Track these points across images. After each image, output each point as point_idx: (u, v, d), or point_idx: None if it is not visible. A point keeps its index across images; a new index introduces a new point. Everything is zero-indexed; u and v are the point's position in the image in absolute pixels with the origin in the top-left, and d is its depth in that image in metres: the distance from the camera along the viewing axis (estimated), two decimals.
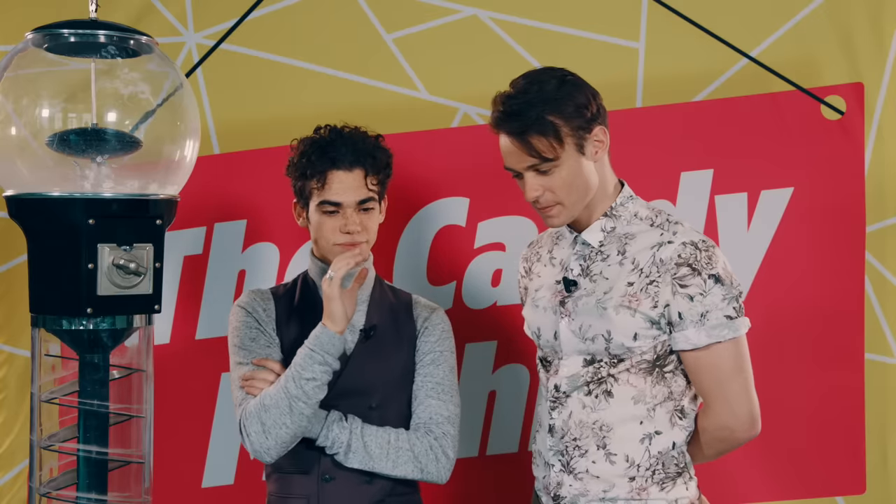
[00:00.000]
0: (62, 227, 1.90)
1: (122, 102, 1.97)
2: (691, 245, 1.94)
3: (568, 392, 2.01)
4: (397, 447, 2.09)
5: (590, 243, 2.03)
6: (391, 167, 2.22)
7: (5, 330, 2.68)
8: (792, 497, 2.69)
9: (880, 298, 2.69)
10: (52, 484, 1.98)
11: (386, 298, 2.24)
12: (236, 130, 2.70)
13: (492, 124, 2.00)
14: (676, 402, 2.01)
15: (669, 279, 1.93)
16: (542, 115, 1.92)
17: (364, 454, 2.08)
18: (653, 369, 1.98)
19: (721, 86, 2.68)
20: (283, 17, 2.70)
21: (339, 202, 2.13)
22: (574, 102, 1.95)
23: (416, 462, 2.09)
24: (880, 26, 2.67)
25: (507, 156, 1.99)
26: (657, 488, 1.98)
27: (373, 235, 2.18)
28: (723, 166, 2.66)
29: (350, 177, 2.13)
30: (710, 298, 1.92)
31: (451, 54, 2.69)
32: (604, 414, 1.98)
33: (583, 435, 1.99)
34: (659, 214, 2.04)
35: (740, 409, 1.98)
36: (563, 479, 2.02)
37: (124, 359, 2.01)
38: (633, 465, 1.98)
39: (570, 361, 2.01)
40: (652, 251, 1.96)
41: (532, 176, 1.97)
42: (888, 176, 2.68)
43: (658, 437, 1.99)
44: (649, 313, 1.94)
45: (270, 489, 2.22)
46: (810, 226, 2.66)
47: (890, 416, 2.70)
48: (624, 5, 2.70)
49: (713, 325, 1.93)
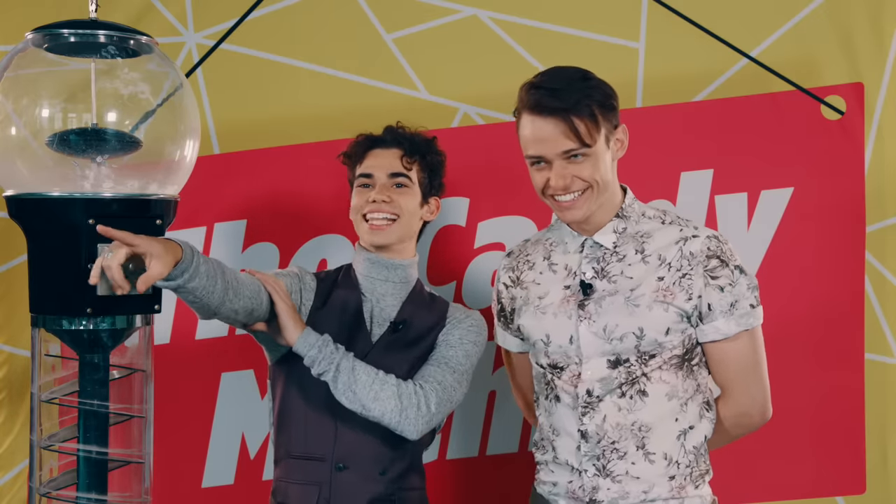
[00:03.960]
0: (62, 227, 1.90)
1: (122, 102, 1.97)
2: (715, 238, 2.00)
3: (601, 396, 1.99)
4: (384, 381, 2.07)
5: (603, 245, 2.03)
6: (440, 164, 2.28)
7: (5, 330, 2.68)
8: (792, 497, 2.70)
9: (880, 298, 2.69)
10: (52, 484, 1.98)
11: (423, 300, 2.25)
12: (236, 130, 2.70)
13: (528, 106, 1.95)
14: (704, 394, 2.04)
15: (701, 271, 1.96)
16: (584, 98, 1.93)
17: (350, 377, 2.05)
18: (682, 364, 2.00)
19: (721, 86, 2.69)
20: (282, 17, 2.70)
21: (371, 173, 2.21)
22: (606, 95, 1.97)
23: (398, 401, 2.06)
24: (880, 26, 2.67)
25: (540, 141, 1.94)
26: (692, 486, 2.01)
27: (406, 215, 2.19)
28: (723, 166, 2.66)
29: (386, 153, 2.22)
30: (738, 288, 1.97)
31: (451, 54, 2.69)
32: (641, 414, 1.98)
33: (621, 437, 1.98)
34: (666, 213, 2.06)
35: (759, 396, 2.05)
36: (598, 484, 1.99)
37: (124, 359, 2.01)
38: (671, 462, 1.98)
39: (593, 364, 1.99)
40: (678, 245, 1.99)
41: (562, 164, 1.94)
42: (888, 176, 2.68)
43: (691, 432, 2.00)
44: (684, 306, 1.96)
45: (278, 474, 2.20)
46: (810, 226, 2.66)
47: (890, 416, 2.70)
48: (624, 5, 2.70)
49: (741, 315, 1.98)
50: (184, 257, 1.80)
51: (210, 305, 1.90)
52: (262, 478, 2.69)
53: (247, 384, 2.69)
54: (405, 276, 2.24)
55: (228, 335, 2.68)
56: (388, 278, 2.22)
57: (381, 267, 2.22)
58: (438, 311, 2.24)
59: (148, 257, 1.76)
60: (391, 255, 2.22)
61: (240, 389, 2.69)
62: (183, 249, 1.81)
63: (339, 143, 2.35)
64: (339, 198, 2.33)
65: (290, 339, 2.06)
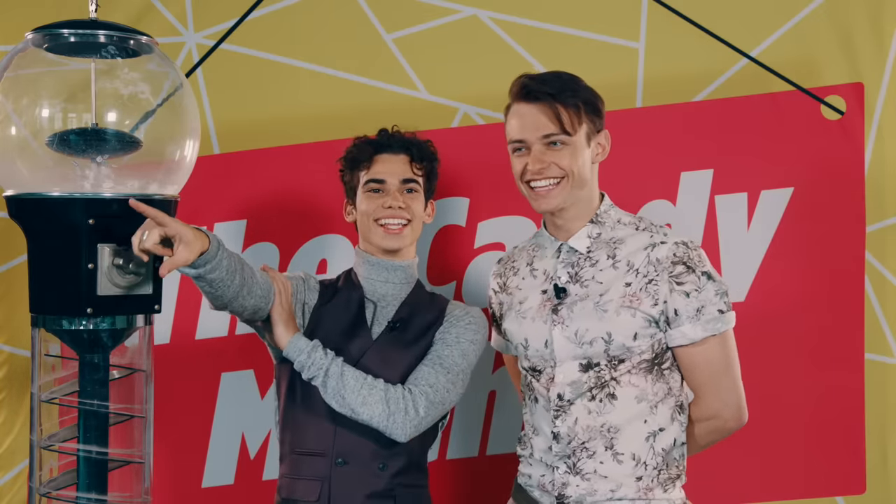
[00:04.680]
0: (62, 227, 1.90)
1: (122, 102, 1.97)
2: (683, 245, 2.02)
3: (572, 399, 2.03)
4: (372, 386, 2.09)
5: (577, 249, 2.08)
6: (437, 169, 2.31)
7: (5, 330, 2.68)
8: (792, 497, 2.70)
9: (880, 298, 2.69)
10: (52, 484, 1.98)
11: (422, 299, 2.27)
12: (236, 130, 2.70)
13: (516, 95, 2.05)
14: (676, 397, 2.05)
15: (667, 277, 1.99)
16: (570, 92, 2.03)
17: (339, 382, 2.08)
18: (652, 367, 2.02)
19: (721, 86, 2.69)
20: (282, 17, 2.70)
21: (384, 179, 2.22)
22: (594, 97, 2.07)
23: (385, 406, 2.08)
24: (880, 26, 2.67)
25: (524, 126, 2.04)
26: (660, 489, 2.02)
27: (416, 219, 2.24)
28: (723, 166, 2.66)
29: (395, 158, 2.24)
30: (705, 294, 1.99)
31: (451, 54, 2.70)
32: (610, 416, 2.01)
33: (591, 438, 2.02)
34: (641, 220, 2.11)
35: (731, 400, 2.05)
36: (568, 480, 2.04)
37: (124, 359, 2.01)
38: (639, 463, 2.01)
39: (565, 368, 2.04)
40: (646, 252, 2.02)
41: (541, 149, 2.02)
42: (888, 176, 2.68)
43: (661, 434, 2.02)
44: (650, 311, 1.99)
45: (283, 471, 2.22)
46: (810, 226, 2.66)
47: (890, 416, 2.70)
48: (624, 5, 2.70)
49: (707, 320, 1.99)
50: (210, 248, 1.84)
51: (223, 297, 1.95)
52: (262, 478, 2.69)
53: (247, 384, 2.69)
54: (406, 277, 2.25)
55: (228, 335, 2.68)
56: (389, 279, 2.24)
57: (383, 269, 2.23)
58: (437, 308, 2.26)
59: (177, 241, 1.79)
60: (394, 257, 2.24)
61: (240, 389, 2.69)
62: (210, 240, 1.85)
63: (339, 143, 2.35)
64: (339, 198, 2.33)
65: (281, 342, 2.11)
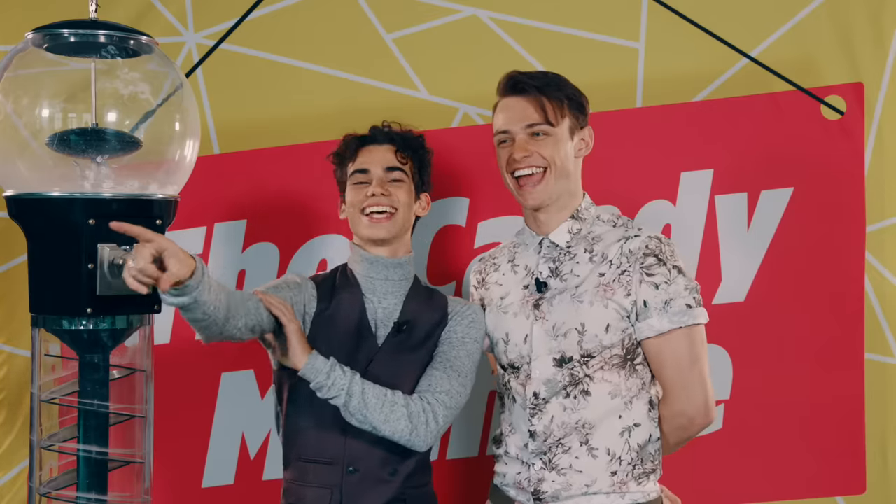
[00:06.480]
0: (62, 227, 1.90)
1: (122, 102, 1.97)
2: (656, 238, 2.09)
3: (547, 398, 2.06)
4: (393, 402, 2.07)
5: (557, 244, 2.12)
6: (429, 160, 2.31)
7: (5, 330, 2.68)
8: (792, 497, 2.69)
9: (880, 298, 2.69)
10: (52, 484, 1.99)
11: (423, 297, 2.25)
12: (236, 130, 2.70)
13: (503, 89, 2.14)
14: (650, 393, 2.09)
15: (638, 268, 2.04)
16: (556, 87, 2.12)
17: (361, 401, 2.05)
18: (625, 363, 2.06)
19: (721, 86, 2.69)
20: (282, 17, 2.70)
21: (367, 168, 2.22)
22: (578, 95, 2.16)
23: (409, 421, 2.07)
24: (880, 26, 2.67)
25: (509, 118, 2.12)
26: (635, 483, 2.06)
27: (402, 208, 2.21)
28: (723, 166, 2.66)
29: (379, 148, 2.25)
30: (674, 287, 2.04)
31: (451, 54, 2.70)
32: (585, 413, 2.05)
33: (566, 434, 2.06)
34: (619, 217, 2.17)
35: (697, 397, 2.08)
36: (544, 476, 2.07)
37: (124, 359, 2.01)
38: (614, 458, 2.04)
39: (539, 364, 2.07)
40: (619, 244, 2.08)
41: (525, 139, 2.10)
42: (888, 176, 2.68)
43: (637, 430, 2.06)
44: (622, 302, 2.03)
45: (289, 476, 2.19)
46: (810, 226, 2.66)
47: (890, 416, 2.70)
48: (624, 5, 2.70)
49: (675, 312, 2.03)
50: (196, 265, 1.77)
51: (217, 321, 1.88)
52: (262, 478, 2.69)
53: (247, 384, 2.69)
54: (404, 274, 2.24)
55: None
56: (387, 277, 2.22)
57: (381, 266, 2.21)
58: (439, 307, 2.24)
59: (166, 256, 1.73)
60: (389, 252, 2.22)
61: (240, 389, 2.69)
62: (195, 259, 1.77)
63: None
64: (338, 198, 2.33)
65: (297, 364, 2.05)
